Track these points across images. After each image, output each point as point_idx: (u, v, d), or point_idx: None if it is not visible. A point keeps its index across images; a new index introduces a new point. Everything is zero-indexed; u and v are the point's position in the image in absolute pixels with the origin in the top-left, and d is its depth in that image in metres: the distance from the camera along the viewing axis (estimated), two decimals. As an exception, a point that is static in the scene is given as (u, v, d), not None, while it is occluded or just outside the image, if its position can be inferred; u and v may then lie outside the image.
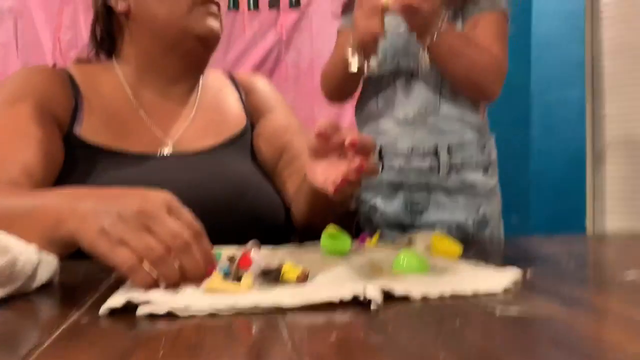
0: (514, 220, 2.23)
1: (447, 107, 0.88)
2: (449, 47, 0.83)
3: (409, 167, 0.89)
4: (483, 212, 0.89)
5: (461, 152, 0.88)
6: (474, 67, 0.84)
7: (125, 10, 0.93)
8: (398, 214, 0.91)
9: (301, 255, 0.69)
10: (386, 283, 0.49)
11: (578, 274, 0.59)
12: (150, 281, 0.49)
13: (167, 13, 0.91)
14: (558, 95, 2.20)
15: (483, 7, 0.88)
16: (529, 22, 2.25)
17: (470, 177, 0.88)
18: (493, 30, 0.88)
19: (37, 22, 1.89)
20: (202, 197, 0.82)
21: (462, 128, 0.88)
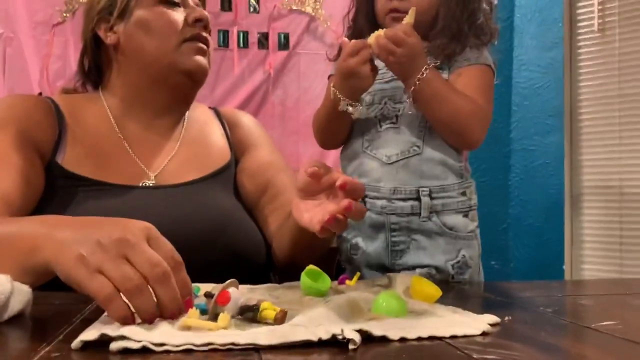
0: (493, 265, 2.24)
1: (429, 150, 0.89)
2: (433, 92, 0.85)
3: (391, 208, 0.89)
4: (463, 255, 0.89)
5: (442, 196, 0.89)
6: (458, 114, 0.86)
7: (115, 42, 0.95)
8: (379, 254, 0.91)
9: (280, 294, 0.69)
10: (365, 324, 0.49)
11: (555, 320, 0.60)
12: (126, 313, 0.48)
13: (155, 47, 0.92)
14: (537, 142, 2.25)
15: (470, 60, 0.91)
16: (510, 72, 2.32)
17: (451, 220, 0.89)
18: (478, 82, 0.90)
19: (26, 50, 1.90)
20: (182, 230, 0.81)
21: (444, 172, 0.89)
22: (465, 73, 0.90)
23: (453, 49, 0.90)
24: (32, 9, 1.92)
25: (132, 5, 0.94)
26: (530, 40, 2.29)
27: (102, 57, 0.99)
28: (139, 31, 0.93)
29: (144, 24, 0.93)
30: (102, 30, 0.95)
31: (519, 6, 2.32)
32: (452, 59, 0.91)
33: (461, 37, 0.90)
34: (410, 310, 0.58)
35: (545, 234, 2.21)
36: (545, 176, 2.22)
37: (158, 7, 0.94)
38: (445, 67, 0.91)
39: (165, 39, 0.92)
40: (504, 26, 2.30)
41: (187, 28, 0.94)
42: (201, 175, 0.95)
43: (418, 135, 0.90)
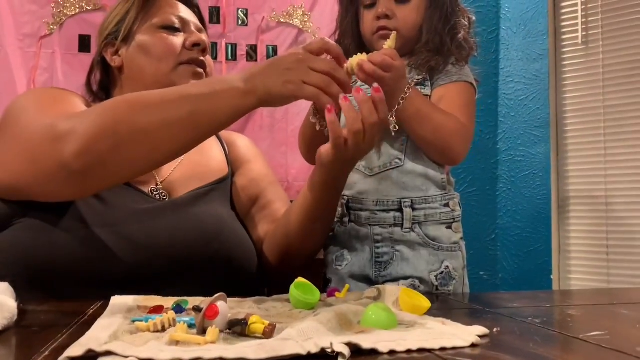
0: (482, 276, 2.25)
1: (411, 163, 0.91)
2: (416, 111, 0.86)
3: (375, 219, 0.90)
4: (446, 266, 0.90)
5: (424, 207, 0.90)
6: (440, 131, 0.87)
7: (119, 65, 1.01)
8: (364, 266, 0.91)
9: (269, 307, 0.68)
10: (354, 337, 0.49)
11: (544, 331, 0.60)
12: (330, 101, 0.74)
13: (155, 69, 0.98)
14: (524, 153, 2.28)
15: (452, 77, 0.93)
16: (496, 83, 2.35)
17: (434, 231, 0.90)
18: (460, 100, 0.92)
19: (13, 62, 1.88)
20: (182, 235, 0.87)
21: (425, 184, 0.91)
22: (447, 91, 0.92)
23: (436, 62, 0.92)
24: (20, 22, 1.91)
25: (135, 31, 1.00)
26: (515, 52, 2.32)
27: (109, 77, 1.05)
28: (140, 54, 0.99)
29: (144, 47, 0.99)
30: (109, 54, 1.02)
31: (505, 19, 2.35)
32: (435, 71, 0.93)
33: (444, 50, 0.93)
34: (399, 322, 0.58)
35: (533, 244, 2.22)
36: (533, 186, 2.24)
37: (159, 32, 1.00)
38: (427, 82, 0.93)
39: (164, 61, 0.98)
40: (490, 39, 2.33)
41: (185, 52, 0.99)
42: (202, 184, 0.99)
43: (400, 148, 0.91)
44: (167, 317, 0.55)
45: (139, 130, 0.74)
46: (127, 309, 0.64)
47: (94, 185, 0.78)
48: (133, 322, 0.56)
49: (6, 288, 0.65)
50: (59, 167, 0.74)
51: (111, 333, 0.51)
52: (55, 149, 0.74)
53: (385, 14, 0.92)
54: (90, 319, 0.59)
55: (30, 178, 0.78)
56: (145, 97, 0.77)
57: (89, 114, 0.77)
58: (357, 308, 0.61)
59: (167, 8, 1.03)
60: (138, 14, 1.01)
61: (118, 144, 0.73)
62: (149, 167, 0.80)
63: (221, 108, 0.77)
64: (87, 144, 0.73)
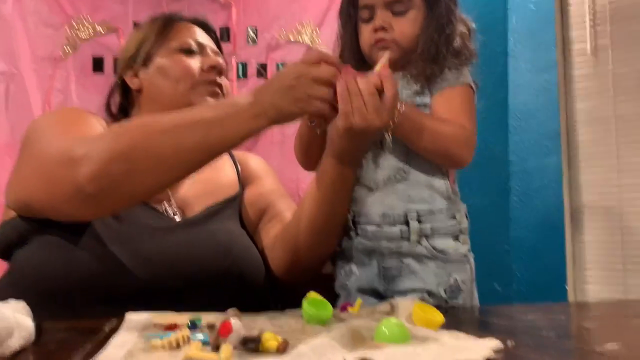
0: (496, 288, 2.23)
1: (416, 174, 0.91)
2: (412, 125, 0.87)
3: (381, 233, 0.90)
4: (455, 279, 0.89)
5: (431, 220, 0.90)
6: (439, 138, 0.88)
7: (138, 87, 1.05)
8: (372, 280, 0.91)
9: (282, 323, 0.69)
10: (367, 352, 0.49)
11: (559, 344, 0.60)
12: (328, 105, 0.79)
13: (172, 90, 1.02)
14: (536, 163, 2.26)
15: (450, 81, 0.93)
16: (505, 94, 2.34)
17: (441, 244, 0.89)
18: (459, 103, 0.92)
19: (28, 85, 1.92)
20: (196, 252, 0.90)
21: (432, 195, 0.90)
22: (445, 95, 0.92)
23: (432, 71, 0.92)
24: (35, 45, 1.95)
25: (154, 54, 1.04)
26: (524, 63, 2.32)
27: (128, 99, 1.09)
28: (158, 76, 1.03)
29: (162, 70, 1.03)
30: (128, 76, 1.06)
31: (512, 31, 2.36)
32: (431, 80, 0.93)
33: (439, 59, 0.93)
34: (413, 337, 0.58)
35: (547, 255, 2.20)
36: (545, 197, 2.22)
37: (176, 54, 1.03)
38: (426, 91, 0.93)
39: (182, 82, 1.01)
40: (498, 51, 2.33)
41: (202, 74, 1.03)
42: (214, 201, 1.02)
43: (403, 159, 0.91)
44: (182, 334, 0.55)
45: (153, 155, 0.76)
46: (142, 326, 0.65)
47: (108, 208, 0.81)
48: (148, 340, 0.56)
49: (23, 307, 0.66)
50: (74, 190, 0.76)
51: (126, 351, 0.52)
52: (70, 173, 0.76)
53: (382, 27, 0.93)
54: (106, 337, 0.60)
55: (46, 199, 0.80)
56: (159, 123, 0.79)
57: (104, 138, 0.79)
58: (370, 323, 0.62)
59: (185, 32, 1.07)
60: (157, 38, 1.06)
61: (131, 168, 0.76)
62: (161, 189, 0.83)
63: (233, 132, 0.79)
64: (102, 168, 0.75)
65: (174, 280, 0.85)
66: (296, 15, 2.16)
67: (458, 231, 0.91)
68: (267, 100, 0.79)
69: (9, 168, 1.88)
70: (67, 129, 0.86)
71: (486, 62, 1.01)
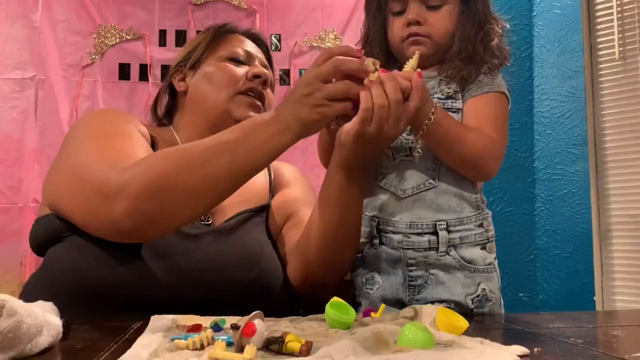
0: (521, 297, 2.19)
1: (444, 183, 0.88)
2: (443, 134, 0.84)
3: (408, 242, 0.88)
4: (483, 289, 0.87)
5: (460, 229, 0.87)
6: (470, 152, 0.85)
7: (184, 90, 1.08)
8: (396, 290, 0.89)
9: (305, 326, 0.69)
10: (391, 356, 0.49)
11: (587, 352, 0.58)
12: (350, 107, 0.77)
13: (215, 96, 1.03)
14: (562, 170, 2.23)
15: (483, 87, 0.90)
16: (531, 101, 2.32)
17: (469, 253, 0.87)
18: (492, 112, 0.89)
19: (56, 91, 1.97)
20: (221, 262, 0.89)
21: (460, 204, 0.88)
22: (479, 102, 0.89)
23: (469, 71, 0.89)
24: (64, 52, 2.00)
25: (203, 60, 1.07)
26: (550, 69, 2.30)
27: (174, 102, 1.12)
28: (203, 81, 1.05)
29: (208, 75, 1.05)
30: (176, 80, 1.09)
31: (538, 36, 2.33)
32: (467, 81, 0.90)
33: (476, 59, 0.90)
34: (437, 342, 0.58)
35: (574, 265, 2.16)
36: (572, 205, 2.19)
37: (224, 62, 1.06)
38: (459, 95, 0.91)
39: (224, 89, 1.02)
40: (524, 56, 2.31)
41: (246, 82, 1.03)
42: (245, 207, 1.01)
43: (433, 167, 0.89)
44: (206, 335, 0.56)
45: (183, 190, 0.77)
46: (167, 327, 0.66)
47: (142, 239, 0.82)
48: (172, 341, 0.57)
49: (51, 307, 0.67)
50: (109, 224, 0.79)
51: (151, 351, 0.53)
52: (105, 207, 0.78)
53: (416, 20, 0.90)
54: (131, 338, 0.60)
55: (80, 221, 0.83)
56: (186, 154, 0.80)
57: (137, 172, 0.78)
58: (394, 327, 0.61)
59: (236, 42, 1.10)
60: (208, 45, 1.09)
61: (164, 203, 0.77)
62: (195, 218, 0.84)
63: (260, 153, 0.79)
64: (136, 206, 0.76)
65: (199, 290, 0.85)
66: (319, 22, 2.17)
67: (486, 240, 0.89)
68: (288, 113, 0.78)
69: (38, 173, 1.94)
70: (105, 145, 0.87)
71: (511, 67, 0.99)
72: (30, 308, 0.53)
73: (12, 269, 1.87)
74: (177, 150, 0.82)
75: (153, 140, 0.99)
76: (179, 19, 2.09)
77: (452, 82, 0.91)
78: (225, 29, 1.13)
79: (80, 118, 1.01)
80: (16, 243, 1.87)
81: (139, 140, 0.92)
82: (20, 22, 1.97)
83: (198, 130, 1.03)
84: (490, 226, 0.91)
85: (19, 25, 1.97)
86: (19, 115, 1.94)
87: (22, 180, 1.91)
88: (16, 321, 0.50)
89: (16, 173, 1.91)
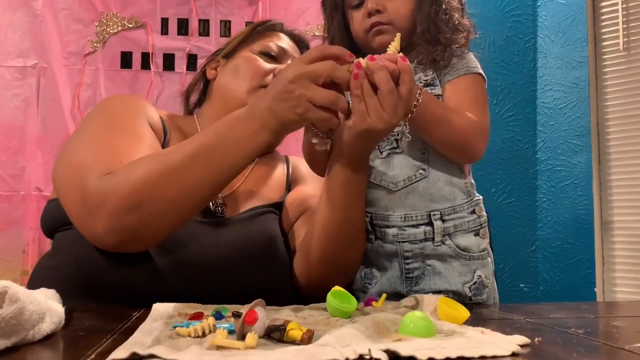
0: (522, 288, 2.20)
1: (435, 171, 0.88)
2: (431, 116, 0.83)
3: (403, 235, 0.87)
4: (479, 276, 0.87)
5: (453, 217, 0.87)
6: (457, 133, 0.85)
7: (213, 78, 1.09)
8: (394, 283, 0.89)
9: (306, 315, 0.69)
10: (392, 344, 0.49)
11: (588, 342, 0.59)
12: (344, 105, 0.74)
13: (236, 87, 1.03)
14: (564, 162, 2.22)
15: (459, 71, 0.90)
16: (534, 92, 2.31)
17: (464, 241, 0.88)
18: (471, 93, 0.89)
19: (58, 79, 1.96)
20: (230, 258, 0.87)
21: (452, 192, 0.88)
22: (457, 85, 0.90)
23: (440, 53, 0.90)
24: (65, 40, 1.99)
25: (237, 52, 1.07)
26: (554, 60, 2.28)
27: (205, 90, 1.12)
28: (230, 71, 1.05)
29: (236, 67, 1.05)
30: (209, 67, 1.11)
31: (542, 27, 2.32)
32: (439, 65, 0.90)
33: (441, 38, 0.90)
34: (438, 331, 0.58)
35: (575, 256, 2.16)
36: (574, 196, 2.18)
37: (255, 55, 1.05)
38: (436, 81, 0.91)
39: (248, 82, 1.02)
40: (528, 47, 2.30)
41: (271, 78, 1.02)
42: (260, 203, 1.00)
43: (422, 157, 0.89)
44: (208, 323, 0.56)
45: (160, 200, 0.75)
46: (169, 315, 0.66)
47: (131, 249, 0.80)
48: (174, 328, 0.57)
49: (53, 294, 0.67)
50: (94, 239, 0.78)
51: (153, 338, 0.53)
52: (88, 222, 0.77)
53: (376, 9, 0.90)
54: (134, 325, 0.61)
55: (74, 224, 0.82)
56: (163, 162, 0.77)
57: (117, 182, 0.76)
58: (395, 316, 0.61)
59: (273, 38, 1.09)
60: (245, 37, 1.09)
61: (144, 216, 0.75)
62: (180, 225, 0.80)
63: (236, 155, 0.76)
64: (116, 221, 0.75)
65: (206, 283, 0.84)
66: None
67: (479, 226, 0.89)
68: (265, 112, 0.75)
69: (41, 161, 1.94)
70: (106, 142, 0.85)
71: (515, 58, 0.98)
72: (32, 295, 0.53)
73: (14, 256, 1.87)
74: (153, 159, 0.79)
75: (165, 130, 0.97)
76: (181, 7, 2.08)
77: (428, 68, 0.91)
78: (267, 25, 1.12)
79: (98, 104, 1.00)
80: (18, 231, 1.88)
81: (143, 138, 0.90)
82: (22, 10, 1.96)
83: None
84: (482, 212, 0.91)
85: (21, 13, 1.96)
86: (21, 103, 1.94)
87: (24, 168, 1.91)
88: (18, 308, 0.50)
89: (18, 161, 1.91)
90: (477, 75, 0.92)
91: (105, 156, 0.82)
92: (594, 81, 2.18)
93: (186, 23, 2.08)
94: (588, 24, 2.19)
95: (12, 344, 0.50)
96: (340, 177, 0.83)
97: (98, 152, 0.83)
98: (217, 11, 2.08)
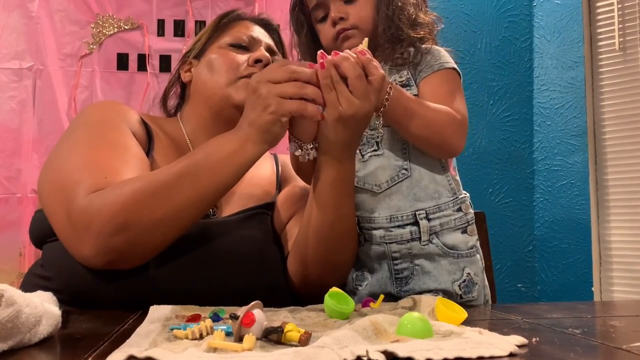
0: (520, 288, 2.20)
1: (418, 170, 0.89)
2: (404, 110, 0.85)
3: (390, 236, 0.88)
4: (468, 273, 0.88)
5: (439, 216, 0.88)
6: (432, 126, 0.85)
7: (189, 80, 1.08)
8: (384, 284, 0.89)
9: (304, 317, 0.69)
10: (390, 345, 0.49)
11: (585, 341, 0.59)
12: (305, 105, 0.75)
13: (215, 82, 1.01)
14: (561, 162, 2.23)
15: (433, 67, 0.91)
16: (531, 92, 2.31)
17: (451, 239, 0.88)
18: (446, 88, 0.90)
19: (54, 81, 1.96)
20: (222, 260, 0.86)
21: (437, 190, 0.88)
22: (431, 82, 0.91)
23: (406, 50, 0.91)
24: (61, 42, 1.99)
25: (207, 48, 1.06)
26: (550, 60, 2.29)
27: (183, 93, 1.10)
28: (205, 69, 1.03)
29: (210, 63, 1.03)
30: (183, 70, 1.09)
31: (538, 27, 2.32)
32: (411, 64, 0.92)
33: (402, 35, 0.92)
34: (435, 332, 0.58)
35: (572, 255, 2.17)
36: (570, 196, 2.19)
37: (226, 49, 1.04)
38: (412, 82, 0.91)
39: (224, 75, 1.00)
40: (524, 47, 2.30)
41: (247, 67, 1.00)
42: (251, 204, 0.99)
43: (403, 157, 0.89)
44: (205, 325, 0.56)
45: (147, 221, 0.75)
46: (166, 317, 0.66)
47: (121, 268, 0.79)
48: (171, 330, 0.57)
49: (49, 297, 0.67)
50: (82, 260, 0.77)
51: (151, 340, 0.53)
52: (75, 243, 0.76)
53: (339, 17, 0.92)
54: (131, 328, 0.61)
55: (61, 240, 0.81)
56: (150, 182, 0.77)
57: (103, 202, 0.75)
58: (392, 317, 0.61)
59: (241, 29, 1.07)
60: (212, 34, 1.07)
61: (130, 237, 0.74)
62: (167, 244, 0.79)
63: (223, 171, 0.78)
64: (102, 243, 0.74)
65: (198, 285, 0.83)
66: (319, 12, 2.16)
67: (466, 223, 0.89)
68: (245, 124, 0.77)
69: (37, 163, 1.93)
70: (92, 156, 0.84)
71: (511, 58, 0.99)
72: (29, 298, 0.53)
73: (11, 259, 1.87)
74: (141, 179, 0.79)
75: (150, 135, 0.97)
76: (178, 8, 2.08)
77: (403, 69, 0.92)
78: (232, 16, 1.11)
79: (79, 114, 0.98)
80: (15, 233, 1.88)
81: (127, 149, 0.88)
82: (17, 12, 1.96)
83: (201, 120, 1.02)
84: (469, 209, 0.91)
85: (16, 15, 1.95)
86: (17, 105, 1.93)
87: (20, 170, 1.91)
88: (15, 311, 0.50)
89: (15, 163, 1.91)
90: (450, 70, 0.93)
91: (89, 172, 0.81)
92: (590, 81, 2.19)
93: (182, 24, 2.08)
94: (584, 25, 2.20)
95: (8, 347, 0.50)
96: (328, 177, 0.84)
97: (83, 168, 0.82)
98: (213, 12, 2.08)
